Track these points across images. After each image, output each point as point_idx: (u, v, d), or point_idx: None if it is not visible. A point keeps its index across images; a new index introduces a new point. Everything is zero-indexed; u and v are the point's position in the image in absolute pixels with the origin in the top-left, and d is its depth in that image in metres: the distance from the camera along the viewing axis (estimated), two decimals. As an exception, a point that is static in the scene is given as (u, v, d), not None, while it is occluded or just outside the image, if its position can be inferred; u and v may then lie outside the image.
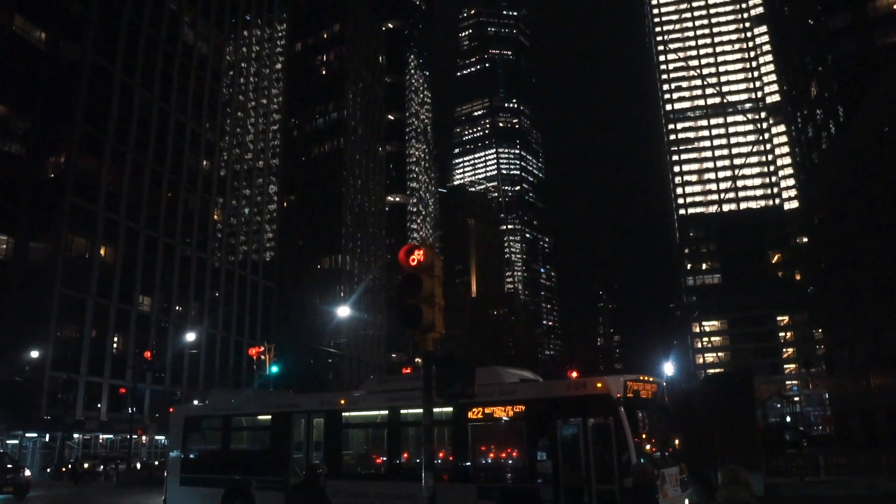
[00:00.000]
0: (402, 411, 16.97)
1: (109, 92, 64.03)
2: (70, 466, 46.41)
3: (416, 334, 11.87)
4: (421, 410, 16.25)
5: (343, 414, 18.23)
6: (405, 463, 16.99)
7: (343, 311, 79.85)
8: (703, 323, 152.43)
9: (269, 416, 19.77)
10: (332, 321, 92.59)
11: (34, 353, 53.49)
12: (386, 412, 17.30)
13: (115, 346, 63.36)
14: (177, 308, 72.31)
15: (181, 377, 70.86)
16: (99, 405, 60.97)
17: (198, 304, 75.69)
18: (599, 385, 13.97)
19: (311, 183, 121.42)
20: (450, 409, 15.83)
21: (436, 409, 15.67)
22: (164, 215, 70.45)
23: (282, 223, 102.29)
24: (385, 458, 17.45)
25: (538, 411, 14.77)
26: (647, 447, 14.06)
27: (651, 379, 15.63)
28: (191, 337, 68.34)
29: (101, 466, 50.03)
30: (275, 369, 46.04)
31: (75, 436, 57.68)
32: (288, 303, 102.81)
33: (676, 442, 15.77)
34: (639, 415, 14.10)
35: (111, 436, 62.65)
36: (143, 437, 63.52)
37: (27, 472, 31.49)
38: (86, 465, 48.46)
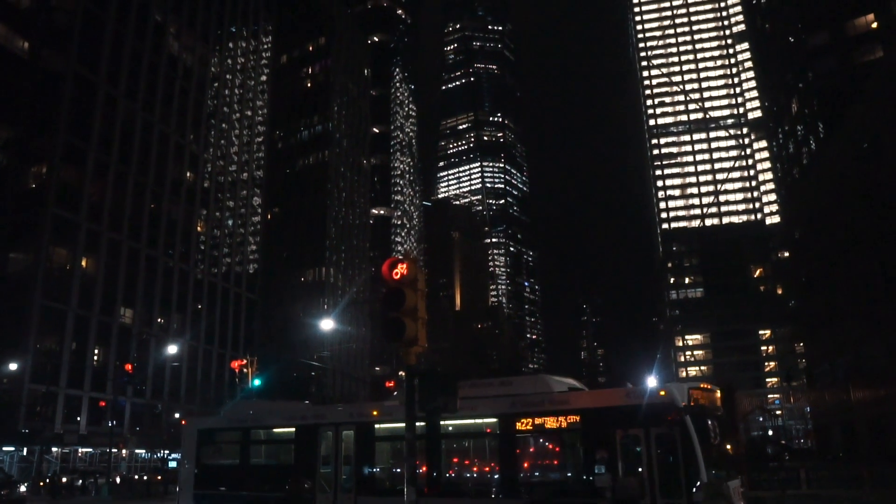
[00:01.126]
0: (443, 423, 16.20)
1: (93, 102, 63.70)
2: (48, 481, 45.77)
3: (399, 348, 11.89)
4: (465, 422, 16.03)
5: (376, 426, 17.32)
6: (447, 478, 16.27)
7: (326, 325, 79.47)
8: (686, 336, 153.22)
9: (293, 429, 18.92)
10: (316, 334, 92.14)
11: (13, 365, 52.77)
12: (424, 423, 16.18)
13: (95, 358, 62.68)
14: (159, 320, 71.71)
15: (162, 390, 70.19)
16: (78, 418, 60.20)
17: (180, 317, 75.12)
18: (662, 393, 13.49)
19: (295, 195, 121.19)
20: (495, 419, 15.38)
21: (479, 420, 15.80)
22: (147, 227, 69.99)
23: (266, 235, 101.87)
24: (423, 474, 16.37)
25: (595, 421, 14.21)
26: (713, 457, 13.47)
27: (710, 386, 15.15)
28: (173, 349, 67.75)
29: (80, 481, 49.39)
30: (257, 382, 45.77)
31: (53, 449, 56.88)
32: (271, 315, 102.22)
33: (728, 448, 15.38)
34: (705, 423, 13.55)
35: (90, 449, 61.87)
36: (123, 451, 62.81)
37: (22, 488, 31.02)
38: (64, 480, 47.81)
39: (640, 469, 13.25)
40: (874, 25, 67.81)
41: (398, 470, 17.39)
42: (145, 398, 67.57)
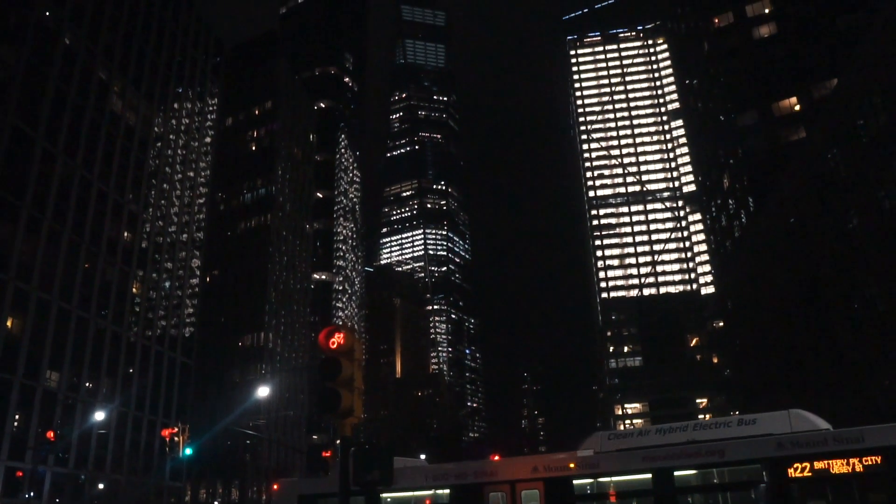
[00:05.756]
0: (677, 474, 13.48)
1: (29, 158, 62.19)
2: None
3: (334, 419, 11.62)
4: (709, 470, 13.40)
5: (575, 482, 14.23)
6: None
7: (263, 392, 77.56)
8: (626, 405, 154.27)
9: (448, 491, 15.54)
10: (252, 401, 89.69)
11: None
12: (649, 476, 13.70)
13: (15, 424, 59.45)
14: (87, 384, 68.77)
15: (87, 459, 66.78)
16: (-7, 489, 56.66)
17: (110, 381, 72.18)
18: None
19: (235, 258, 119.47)
20: (755, 465, 12.78)
21: (732, 468, 13.24)
22: (80, 287, 67.72)
23: (204, 298, 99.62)
24: None
25: None
26: None
27: None
28: (100, 416, 64.83)
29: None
30: (188, 451, 44.03)
31: (-37, 523, 53.32)
32: (207, 381, 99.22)
33: None
34: None
35: (4, 523, 58.13)
36: (41, 525, 59.13)
37: None
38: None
39: None
40: (797, 108, 71.92)
41: None
42: (68, 467, 64.11)
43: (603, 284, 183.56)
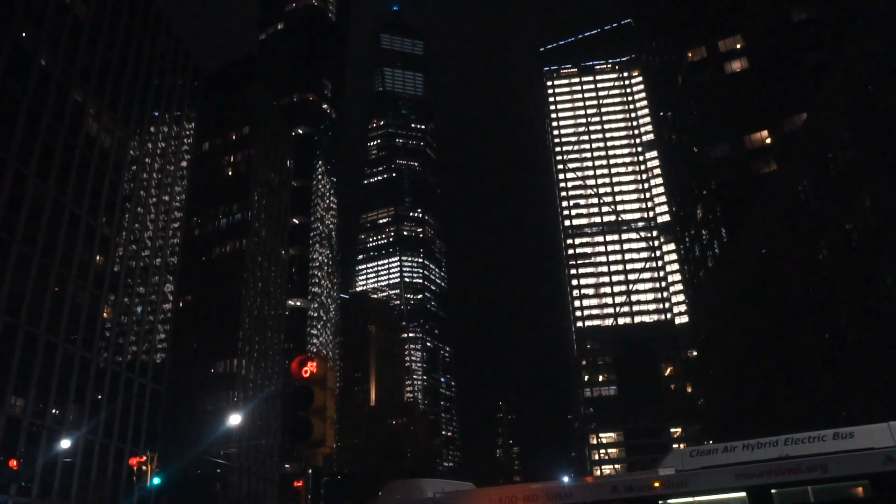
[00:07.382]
0: (775, 492, 12.42)
1: (0, 179, 61.36)
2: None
3: (305, 448, 11.44)
4: (802, 489, 12.25)
5: (660, 503, 13.32)
6: None
7: (234, 419, 76.43)
8: (600, 434, 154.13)
9: None
10: (224, 429, 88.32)
11: None
12: (743, 494, 12.53)
13: (-22, 452, 57.92)
14: (53, 411, 67.26)
15: (52, 488, 65.13)
16: (-48, 520, 55.03)
17: (77, 408, 70.67)
18: None
19: (209, 283, 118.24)
20: (864, 481, 11.71)
21: (840, 485, 12.21)
22: (49, 311, 66.48)
23: (176, 324, 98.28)
24: None
25: None
26: None
27: None
28: (66, 443, 63.36)
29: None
30: (157, 481, 43.24)
31: (-80, 555, 51.60)
32: (177, 408, 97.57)
33: None
34: None
35: (-37, 555, 56.33)
36: (0, 557, 57.43)
37: None
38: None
39: None
40: (768, 141, 73.29)
41: None
42: (31, 497, 62.42)
43: (578, 313, 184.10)
